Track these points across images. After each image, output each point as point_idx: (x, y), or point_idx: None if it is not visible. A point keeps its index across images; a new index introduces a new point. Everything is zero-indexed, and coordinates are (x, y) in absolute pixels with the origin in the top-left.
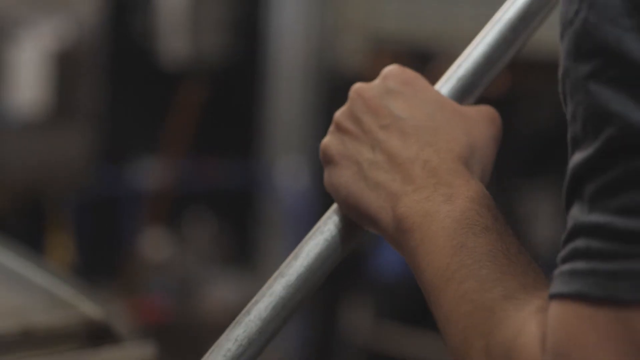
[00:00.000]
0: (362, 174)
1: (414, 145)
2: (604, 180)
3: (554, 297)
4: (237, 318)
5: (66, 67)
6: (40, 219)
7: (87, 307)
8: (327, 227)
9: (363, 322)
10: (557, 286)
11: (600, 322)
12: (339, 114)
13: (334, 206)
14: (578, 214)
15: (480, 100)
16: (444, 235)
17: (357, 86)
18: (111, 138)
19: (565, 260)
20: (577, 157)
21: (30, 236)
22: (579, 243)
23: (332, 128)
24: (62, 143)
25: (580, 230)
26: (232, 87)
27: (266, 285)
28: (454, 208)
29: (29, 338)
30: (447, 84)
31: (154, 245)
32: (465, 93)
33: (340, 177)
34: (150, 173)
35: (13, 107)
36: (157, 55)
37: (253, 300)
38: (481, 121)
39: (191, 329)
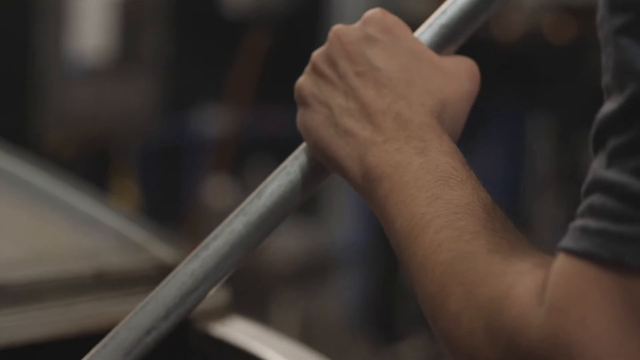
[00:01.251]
0: (333, 120)
1: (387, 96)
2: (625, 138)
3: (562, 250)
4: (195, 251)
5: (131, 14)
6: (105, 166)
7: (159, 250)
8: (293, 168)
9: None
10: (567, 240)
11: (604, 284)
12: (316, 54)
13: (302, 146)
14: (598, 166)
15: (544, 46)
16: (417, 186)
17: (337, 28)
18: (176, 86)
19: (581, 214)
20: (605, 108)
21: (96, 184)
22: (595, 199)
23: (308, 68)
24: (127, 91)
25: (597, 185)
26: (295, 34)
27: (227, 222)
28: (427, 160)
29: (101, 280)
30: (428, 30)
31: (218, 192)
32: (447, 42)
33: (312, 120)
34: (214, 121)
35: (78, 55)
36: (221, 2)
37: (212, 235)
38: (458, 76)
39: (253, 277)
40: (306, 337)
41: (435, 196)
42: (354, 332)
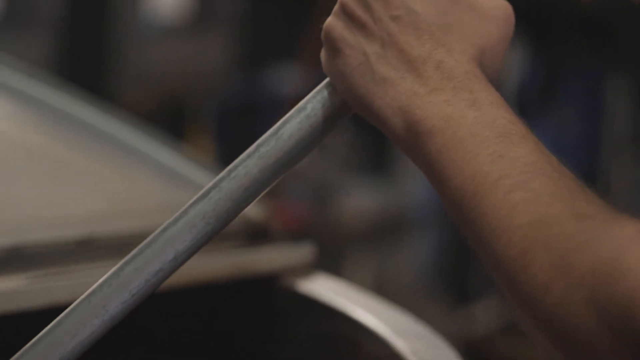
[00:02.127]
0: (369, 67)
1: (426, 43)
2: None
3: None
4: (207, 192)
5: None
6: (181, 124)
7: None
8: (314, 109)
9: None
10: None
11: None
12: None
13: (322, 84)
14: None
15: (623, 5)
16: (475, 142)
17: None
18: (251, 44)
19: None
20: None
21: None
22: None
23: (337, 9)
24: (203, 49)
25: None
26: None
27: (242, 163)
28: (481, 114)
29: None
30: None
31: None
32: None
33: (344, 66)
34: (289, 80)
35: (155, 14)
36: None
37: (223, 176)
38: (495, 19)
39: (327, 236)
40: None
41: (498, 154)
42: (426, 293)
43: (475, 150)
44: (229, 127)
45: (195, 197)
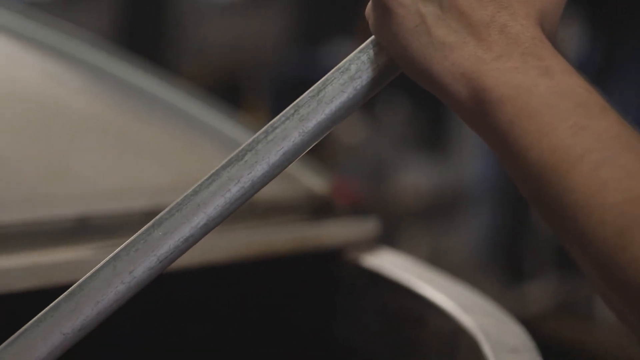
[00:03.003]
0: (425, 29)
1: (488, 5)
2: None
3: None
4: (242, 155)
5: None
6: (237, 99)
7: (309, 179)
8: (358, 70)
9: None
10: None
11: None
12: None
13: (369, 42)
14: None
15: None
16: (552, 113)
17: None
18: (309, 20)
19: None
20: None
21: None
22: None
23: None
24: (260, 24)
25: None
26: None
27: (280, 125)
28: (555, 83)
29: (252, 208)
30: None
31: (349, 127)
32: None
33: (398, 27)
34: (345, 54)
35: None
36: None
37: (261, 138)
38: None
39: (383, 212)
40: None
41: (579, 126)
42: (480, 270)
43: (553, 122)
44: (284, 103)
45: (228, 159)
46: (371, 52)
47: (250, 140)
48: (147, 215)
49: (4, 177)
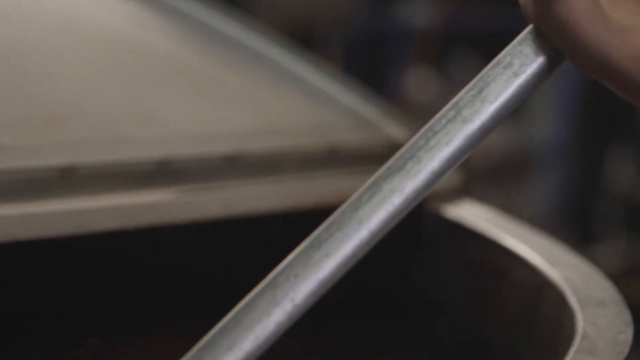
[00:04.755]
0: (600, 13)
1: None
2: None
3: None
4: (402, 164)
5: None
6: (309, 53)
7: (391, 128)
8: (522, 62)
9: (626, 174)
10: None
11: None
12: None
13: (528, 33)
14: None
15: None
16: None
17: None
18: None
19: None
20: None
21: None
22: None
23: None
24: None
25: None
26: None
27: (442, 129)
28: None
29: (334, 156)
30: None
31: (420, 84)
32: None
33: (568, 13)
34: (420, 11)
35: None
36: None
37: (422, 145)
38: None
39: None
40: None
41: None
42: (550, 231)
43: None
44: (357, 58)
45: (386, 169)
46: (533, 43)
47: (408, 146)
48: (229, 160)
49: (88, 118)
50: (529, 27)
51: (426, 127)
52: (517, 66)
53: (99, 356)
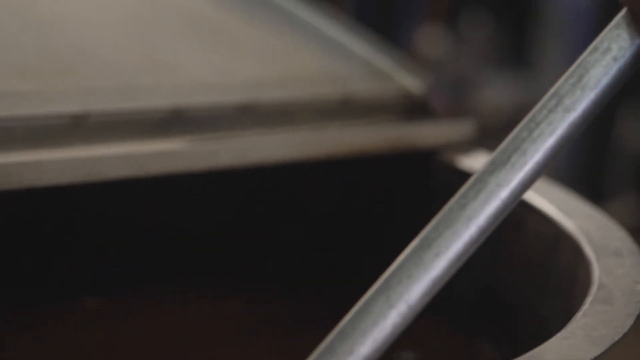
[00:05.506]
0: None
1: None
2: None
3: None
4: (506, 158)
5: None
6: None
7: (406, 79)
8: (620, 47)
9: (638, 132)
10: None
11: None
12: None
13: (624, 17)
14: None
15: None
16: None
17: None
18: None
19: None
20: None
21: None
22: None
23: None
24: None
25: None
26: None
27: (544, 120)
28: None
29: (348, 106)
30: None
31: (431, 42)
32: None
33: None
34: None
35: None
36: None
37: (525, 137)
38: None
39: None
40: None
41: None
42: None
43: None
44: (368, 14)
45: (491, 163)
46: (629, 27)
47: (511, 138)
48: (241, 109)
49: (101, 66)
50: (623, 11)
51: (527, 118)
52: (616, 51)
53: (98, 314)
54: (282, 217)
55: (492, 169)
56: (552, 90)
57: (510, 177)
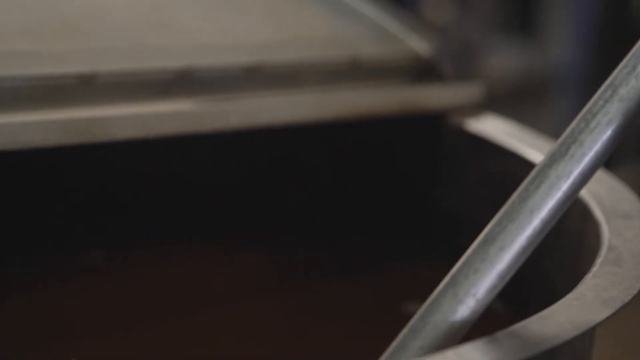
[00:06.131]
0: None
1: None
2: None
3: None
4: (565, 149)
5: None
6: None
7: (415, 41)
8: None
9: None
10: None
11: None
12: None
13: None
14: None
15: None
16: None
17: None
18: None
19: None
20: None
21: None
22: None
23: None
24: None
25: None
26: None
27: (600, 110)
28: None
29: (356, 69)
30: None
31: (436, 8)
32: None
33: None
34: None
35: None
36: None
37: (582, 128)
38: None
39: None
40: None
41: None
42: None
43: None
44: None
45: (550, 156)
46: None
47: (569, 131)
48: (250, 71)
49: (108, 26)
50: None
51: (584, 110)
52: None
53: (102, 268)
54: (290, 178)
55: (551, 161)
56: (607, 82)
57: (570, 169)
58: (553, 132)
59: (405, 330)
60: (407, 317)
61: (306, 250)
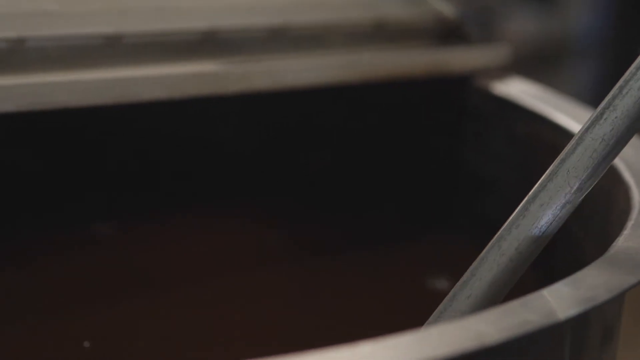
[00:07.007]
0: None
1: None
2: None
3: None
4: (600, 114)
5: None
6: None
7: (440, 3)
8: None
9: None
10: None
11: None
12: None
13: None
14: None
15: None
16: None
17: None
18: None
19: None
20: None
21: None
22: None
23: None
24: None
25: None
26: None
27: (632, 78)
28: None
29: (381, 30)
30: None
31: None
32: None
33: None
34: None
35: None
36: None
37: (616, 94)
38: None
39: None
40: None
41: None
42: None
43: None
44: None
45: (588, 122)
46: None
47: (605, 100)
48: (274, 32)
49: None
50: None
51: (622, 79)
52: None
53: (115, 238)
54: (314, 141)
55: (588, 125)
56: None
57: (604, 131)
58: (573, 96)
59: (457, 285)
60: (431, 290)
61: (326, 220)
